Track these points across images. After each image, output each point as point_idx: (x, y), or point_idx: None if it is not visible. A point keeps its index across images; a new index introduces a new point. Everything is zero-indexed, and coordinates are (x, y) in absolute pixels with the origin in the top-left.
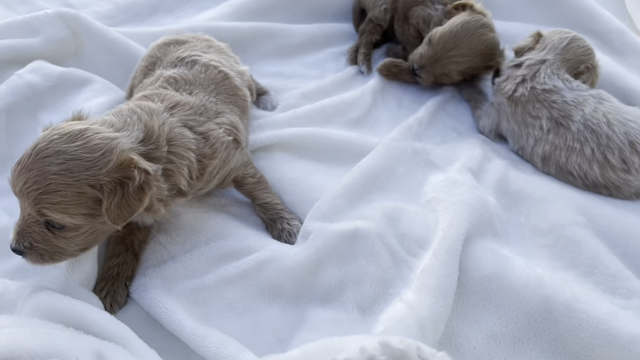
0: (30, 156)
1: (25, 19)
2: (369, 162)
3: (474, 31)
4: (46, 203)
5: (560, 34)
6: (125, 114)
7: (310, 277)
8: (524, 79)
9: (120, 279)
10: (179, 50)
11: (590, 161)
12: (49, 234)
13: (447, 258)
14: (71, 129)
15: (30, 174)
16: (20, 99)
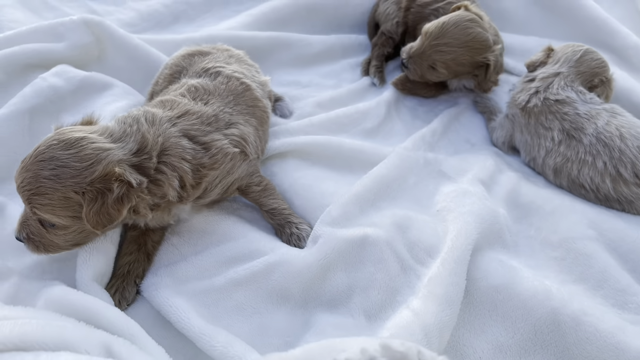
0: (31, 158)
1: (51, 25)
2: (381, 170)
3: (460, 23)
4: (36, 203)
5: (573, 47)
6: (128, 122)
7: (319, 282)
8: (537, 91)
9: (130, 276)
10: (204, 61)
11: (603, 174)
12: (43, 229)
13: (455, 267)
14: (69, 136)
15: (26, 175)
16: (43, 101)
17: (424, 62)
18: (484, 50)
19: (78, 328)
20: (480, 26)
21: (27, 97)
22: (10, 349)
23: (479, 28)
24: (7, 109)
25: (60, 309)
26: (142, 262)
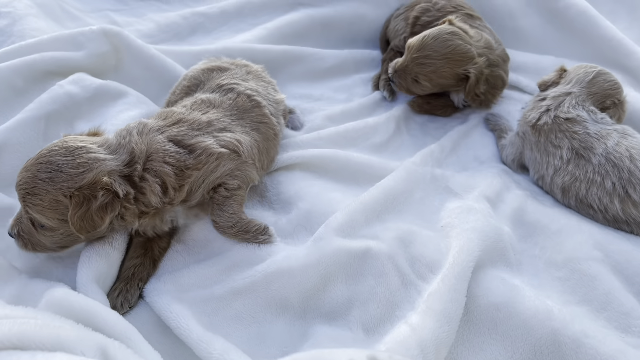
0: (33, 159)
1: (72, 34)
2: (388, 183)
3: (440, 36)
4: (29, 202)
5: (586, 68)
6: (123, 134)
7: (318, 293)
8: (548, 109)
9: (134, 279)
10: (220, 77)
11: (611, 195)
12: (33, 228)
13: (455, 283)
14: (70, 144)
15: (25, 175)
16: (59, 107)
17: (407, 75)
18: (464, 62)
19: (75, 330)
20: (461, 39)
21: (43, 103)
22: (8, 348)
23: (459, 40)
24: (23, 114)
25: (60, 310)
26: (147, 266)
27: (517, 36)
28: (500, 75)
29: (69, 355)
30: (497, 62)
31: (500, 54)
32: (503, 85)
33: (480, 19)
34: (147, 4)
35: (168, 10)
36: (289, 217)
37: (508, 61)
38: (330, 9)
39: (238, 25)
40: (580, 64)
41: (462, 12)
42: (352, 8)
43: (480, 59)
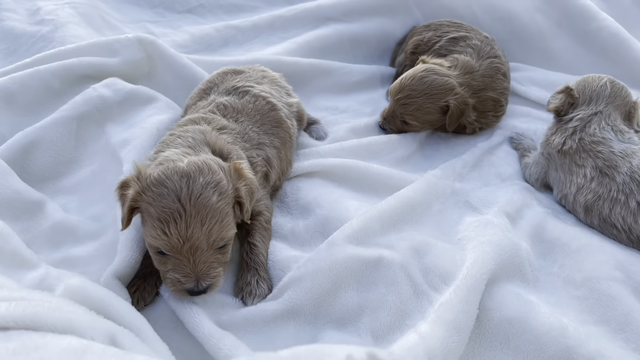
0: (190, 195)
1: (108, 41)
2: (407, 193)
3: (415, 75)
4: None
5: (596, 80)
6: (188, 135)
7: (329, 299)
8: (574, 131)
9: (151, 277)
10: (235, 80)
11: (636, 215)
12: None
13: (467, 295)
14: (189, 168)
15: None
16: (91, 109)
17: (396, 119)
18: (444, 94)
19: (87, 315)
20: (436, 73)
21: (77, 105)
22: (20, 327)
23: (434, 75)
24: (57, 114)
25: (76, 297)
26: None
27: (547, 57)
28: (489, 97)
29: (78, 338)
30: (482, 86)
31: (488, 72)
32: (496, 104)
33: (467, 38)
34: (183, 16)
35: (203, 23)
36: (306, 222)
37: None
38: (359, 26)
39: (269, 38)
40: (584, 77)
41: (447, 37)
42: (380, 25)
43: (461, 90)
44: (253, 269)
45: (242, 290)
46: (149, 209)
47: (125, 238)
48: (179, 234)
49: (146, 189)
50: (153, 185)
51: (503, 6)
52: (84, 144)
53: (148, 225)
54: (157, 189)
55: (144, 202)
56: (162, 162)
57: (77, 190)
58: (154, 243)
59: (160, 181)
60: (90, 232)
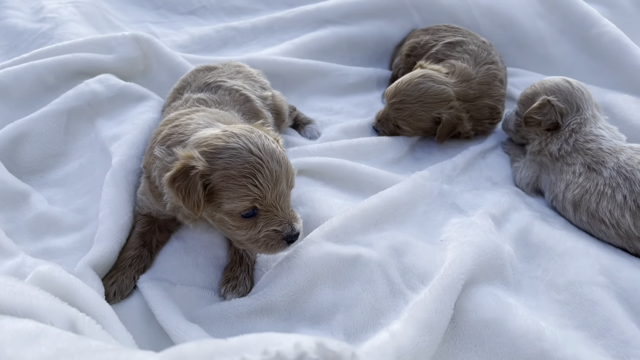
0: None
1: (105, 38)
2: (392, 193)
3: (412, 80)
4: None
5: (568, 86)
6: (195, 119)
7: (304, 296)
8: (570, 134)
9: (130, 270)
10: (206, 76)
11: (622, 208)
12: None
13: (442, 294)
14: (239, 130)
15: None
16: (82, 104)
17: (389, 123)
18: (437, 105)
19: (48, 301)
20: (433, 80)
21: (68, 99)
22: None
23: (430, 82)
24: (48, 107)
25: (42, 284)
26: (145, 258)
27: (547, 63)
28: (486, 105)
29: (35, 322)
30: (478, 93)
31: (485, 79)
32: (492, 112)
33: (464, 43)
34: (185, 18)
35: (204, 24)
36: None
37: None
38: (357, 28)
39: (267, 40)
40: (552, 85)
41: (443, 42)
42: (379, 29)
43: (457, 103)
44: (245, 265)
45: (228, 282)
46: (227, 173)
47: (104, 228)
48: (267, 183)
49: (213, 159)
50: (220, 153)
51: (504, 12)
52: (74, 138)
53: (230, 191)
54: (227, 153)
55: (216, 172)
56: (200, 141)
57: (64, 183)
58: (244, 204)
59: (224, 146)
60: (73, 224)
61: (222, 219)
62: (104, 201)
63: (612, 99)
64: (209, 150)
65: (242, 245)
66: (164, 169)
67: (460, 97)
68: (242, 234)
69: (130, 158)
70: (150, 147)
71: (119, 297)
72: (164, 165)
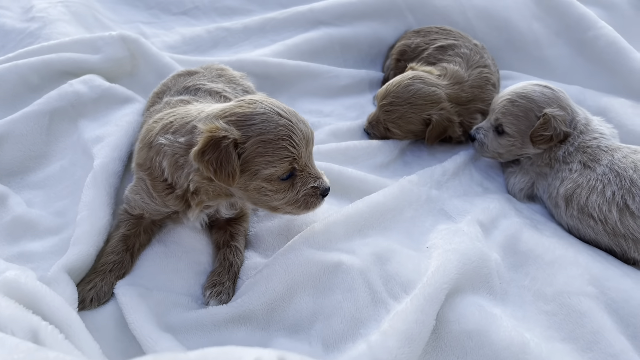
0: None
1: (92, 38)
2: (377, 198)
3: (402, 82)
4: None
5: (558, 93)
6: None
7: (284, 305)
8: (578, 135)
9: (110, 276)
10: (186, 81)
11: (610, 204)
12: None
13: (424, 304)
14: (256, 96)
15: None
16: (65, 104)
17: (380, 125)
18: (428, 106)
19: (10, 309)
20: (423, 82)
21: (50, 100)
22: None
23: (420, 84)
24: (30, 108)
25: (7, 291)
26: (126, 264)
27: (542, 65)
28: (478, 109)
29: None
30: (470, 97)
31: (478, 82)
32: (484, 115)
33: (456, 46)
34: (177, 18)
35: (196, 25)
36: (269, 225)
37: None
38: (350, 30)
39: (259, 40)
40: (528, 93)
41: (435, 45)
42: (372, 30)
43: (448, 105)
44: (233, 273)
45: (214, 287)
46: (263, 138)
47: (81, 231)
48: (300, 142)
49: (244, 127)
50: (249, 119)
51: (499, 14)
52: (56, 139)
53: (269, 155)
54: (258, 118)
55: (251, 139)
56: (221, 113)
57: (45, 185)
58: (284, 166)
59: (252, 112)
60: (51, 228)
61: (259, 186)
62: (82, 203)
63: (608, 102)
64: (236, 119)
65: (276, 210)
66: (175, 154)
67: (452, 100)
68: (281, 198)
69: (112, 160)
70: (143, 145)
71: (96, 304)
72: (175, 149)
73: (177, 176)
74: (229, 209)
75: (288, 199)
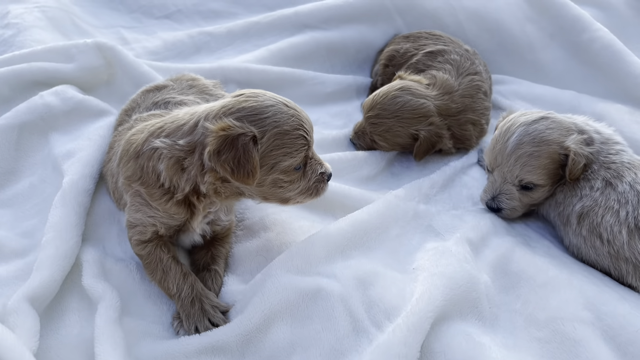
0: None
1: (65, 46)
2: (361, 216)
3: (388, 93)
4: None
5: (566, 122)
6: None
7: (260, 335)
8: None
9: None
10: (155, 96)
11: (622, 224)
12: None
13: (407, 336)
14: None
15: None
16: (35, 118)
17: (366, 137)
18: (415, 120)
19: None
20: (412, 93)
21: (19, 113)
22: None
23: (408, 95)
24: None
25: None
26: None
27: (536, 69)
28: (469, 119)
29: None
30: (461, 107)
31: (468, 92)
32: (475, 127)
33: (445, 52)
34: (160, 22)
35: (179, 29)
36: (247, 245)
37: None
38: (337, 33)
39: (243, 45)
40: (538, 133)
41: (424, 51)
42: (360, 33)
43: (436, 119)
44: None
45: (190, 319)
46: (280, 130)
47: (45, 255)
48: (309, 130)
49: (257, 122)
50: (261, 113)
51: (491, 16)
52: (25, 154)
53: (287, 147)
54: (270, 111)
55: (268, 133)
56: (224, 110)
57: (13, 204)
58: (301, 155)
59: (261, 106)
60: (17, 250)
61: (276, 179)
62: (49, 224)
63: (603, 109)
64: (247, 114)
65: (287, 202)
66: (173, 157)
67: (441, 112)
68: (295, 188)
69: (83, 177)
70: (128, 158)
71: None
72: (173, 152)
73: (177, 179)
74: (227, 214)
75: (302, 188)
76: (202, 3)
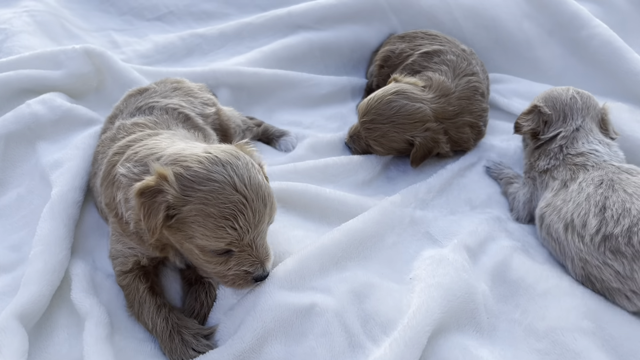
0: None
1: (54, 52)
2: (356, 225)
3: (383, 98)
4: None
5: (564, 93)
6: (164, 138)
7: (253, 355)
8: (560, 150)
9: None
10: (137, 100)
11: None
12: None
13: (404, 351)
14: (223, 155)
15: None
16: (22, 127)
17: (361, 140)
18: (411, 126)
19: None
20: (408, 97)
21: (6, 123)
22: None
23: (404, 100)
24: None
25: None
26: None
27: (534, 67)
28: (466, 122)
29: None
30: (458, 110)
31: (465, 93)
32: (473, 129)
33: (442, 52)
34: (151, 24)
35: (170, 31)
36: None
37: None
38: (331, 34)
39: (235, 47)
40: (548, 92)
41: (419, 51)
42: (354, 33)
43: (433, 125)
44: (202, 316)
45: (173, 354)
46: (205, 210)
47: (33, 270)
48: (248, 225)
49: (189, 189)
50: (199, 183)
51: (488, 13)
52: (12, 165)
53: (206, 229)
54: (207, 186)
55: (191, 205)
56: (178, 158)
57: (0, 216)
58: (219, 244)
59: (206, 175)
60: (5, 264)
61: (192, 250)
62: (37, 238)
63: None
64: (186, 175)
65: (207, 274)
66: (129, 186)
67: (438, 115)
68: (211, 268)
69: (72, 189)
70: (108, 183)
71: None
72: (130, 181)
73: (121, 210)
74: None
75: (217, 271)
76: (194, 4)
